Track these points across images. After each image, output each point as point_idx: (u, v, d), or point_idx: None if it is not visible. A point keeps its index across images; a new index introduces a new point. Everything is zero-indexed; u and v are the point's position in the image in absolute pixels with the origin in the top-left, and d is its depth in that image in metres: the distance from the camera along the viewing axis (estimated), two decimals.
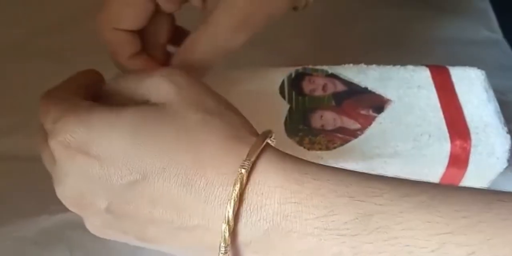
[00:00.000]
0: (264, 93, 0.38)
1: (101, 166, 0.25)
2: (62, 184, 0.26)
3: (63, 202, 0.27)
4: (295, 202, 0.23)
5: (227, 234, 0.24)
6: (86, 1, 0.64)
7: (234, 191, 0.23)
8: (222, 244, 0.24)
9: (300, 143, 0.36)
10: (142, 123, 0.25)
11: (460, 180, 0.37)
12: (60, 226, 0.47)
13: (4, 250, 0.46)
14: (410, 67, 0.40)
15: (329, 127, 0.36)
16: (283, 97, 0.38)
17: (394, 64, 0.41)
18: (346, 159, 0.35)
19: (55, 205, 0.48)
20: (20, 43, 0.60)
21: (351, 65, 0.40)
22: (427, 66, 0.40)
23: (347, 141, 0.36)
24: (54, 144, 0.26)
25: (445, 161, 0.36)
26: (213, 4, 0.32)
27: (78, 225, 0.47)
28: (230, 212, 0.23)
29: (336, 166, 0.27)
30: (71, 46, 0.60)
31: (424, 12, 0.64)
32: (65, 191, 0.27)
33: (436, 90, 0.38)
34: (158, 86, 0.27)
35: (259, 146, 0.25)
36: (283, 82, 0.39)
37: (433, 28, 0.63)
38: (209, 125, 0.25)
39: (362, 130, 0.36)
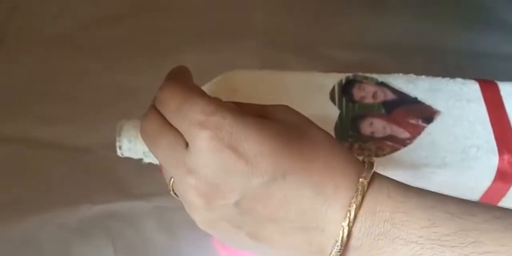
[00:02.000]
0: (314, 98, 0.39)
1: (247, 162, 0.26)
2: (198, 173, 0.27)
3: (189, 189, 0.28)
4: (403, 212, 0.26)
5: (345, 235, 0.26)
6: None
7: (357, 196, 0.26)
8: (338, 244, 0.26)
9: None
10: (286, 132, 0.28)
11: (504, 194, 0.37)
12: (102, 216, 0.49)
13: (46, 236, 0.47)
14: (459, 80, 0.40)
15: (379, 135, 0.37)
16: (334, 102, 0.39)
17: (435, 75, 0.41)
18: (395, 167, 0.36)
19: (97, 195, 0.50)
20: (66, 37, 0.62)
21: (400, 74, 0.41)
22: (476, 80, 0.41)
23: (396, 149, 0.36)
24: (206, 134, 0.27)
25: (492, 174, 0.36)
26: None
27: (119, 215, 0.49)
28: (352, 215, 0.26)
29: (384, 173, 0.29)
30: (117, 40, 0.62)
31: (459, 26, 0.65)
32: (200, 180, 0.27)
33: (485, 104, 0.39)
34: (279, 109, 0.30)
35: (373, 164, 0.28)
36: (333, 88, 0.40)
37: (469, 42, 0.63)
38: (333, 141, 0.29)
39: (411, 139, 0.37)
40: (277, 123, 0.28)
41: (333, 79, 0.40)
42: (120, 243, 0.47)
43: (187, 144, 0.28)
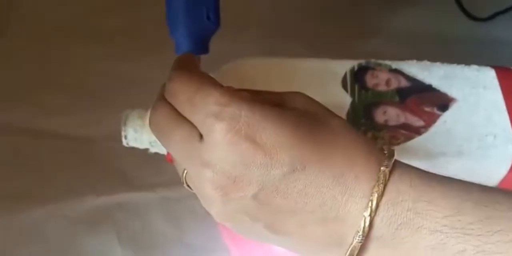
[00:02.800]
0: (326, 85, 0.38)
1: (265, 154, 0.26)
2: (215, 166, 0.26)
3: (205, 183, 0.27)
4: (426, 201, 0.25)
5: (367, 225, 0.25)
6: None
7: (379, 185, 0.25)
8: (360, 234, 0.25)
9: None
10: (302, 121, 0.27)
11: None
12: (107, 207, 0.48)
13: (52, 227, 0.47)
14: (474, 66, 0.39)
15: (393, 123, 0.36)
16: (346, 90, 0.38)
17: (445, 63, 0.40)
18: (410, 156, 0.35)
19: (102, 186, 0.49)
20: (68, 26, 0.61)
21: (414, 61, 0.40)
22: (492, 67, 0.40)
23: (410, 138, 0.35)
24: (222, 126, 0.26)
25: (509, 163, 0.35)
26: None
27: (125, 206, 0.48)
28: (374, 204, 0.25)
29: None
30: (120, 29, 0.61)
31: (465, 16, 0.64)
32: (217, 173, 0.26)
33: (502, 92, 0.38)
34: (295, 96, 0.29)
35: (394, 152, 0.27)
36: (345, 75, 0.39)
37: (482, 29, 0.62)
38: (350, 128, 0.28)
39: (426, 127, 0.36)
40: (294, 112, 0.27)
41: (345, 66, 0.39)
42: (126, 234, 0.47)
43: (201, 136, 0.27)
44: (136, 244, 0.46)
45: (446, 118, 0.36)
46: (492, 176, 0.36)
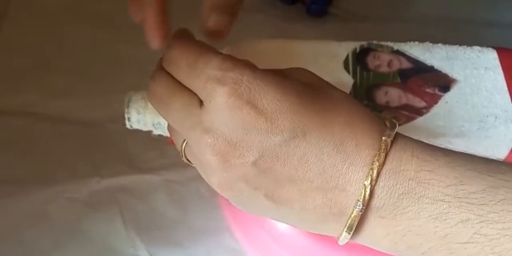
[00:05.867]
0: (328, 66, 0.38)
1: (266, 119, 0.26)
2: (216, 131, 0.26)
3: (206, 149, 0.27)
4: (428, 171, 0.25)
5: (367, 194, 0.25)
6: None
7: (380, 154, 0.25)
8: (360, 203, 0.25)
9: None
10: (304, 89, 0.27)
11: None
12: (111, 190, 0.48)
13: (56, 210, 0.47)
14: (476, 47, 0.40)
15: (394, 104, 0.36)
16: (348, 71, 0.38)
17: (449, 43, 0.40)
18: (411, 136, 0.35)
19: (106, 168, 0.49)
20: (70, 8, 0.60)
21: (416, 42, 0.40)
22: (494, 48, 0.40)
23: (412, 119, 0.36)
24: (224, 90, 0.26)
25: (510, 144, 0.35)
26: None
27: (128, 189, 0.49)
28: (374, 173, 0.25)
29: None
30: (123, 12, 0.60)
31: None
32: (218, 139, 0.26)
33: (503, 72, 0.38)
34: (297, 71, 0.30)
35: (396, 124, 0.27)
36: (347, 57, 0.39)
37: (485, 11, 0.62)
38: (352, 99, 0.28)
39: (427, 108, 0.36)
40: (296, 80, 0.27)
41: (346, 48, 0.39)
42: (130, 216, 0.47)
43: (201, 103, 0.27)
44: (140, 226, 0.47)
45: (448, 99, 0.36)
46: (494, 157, 0.36)
